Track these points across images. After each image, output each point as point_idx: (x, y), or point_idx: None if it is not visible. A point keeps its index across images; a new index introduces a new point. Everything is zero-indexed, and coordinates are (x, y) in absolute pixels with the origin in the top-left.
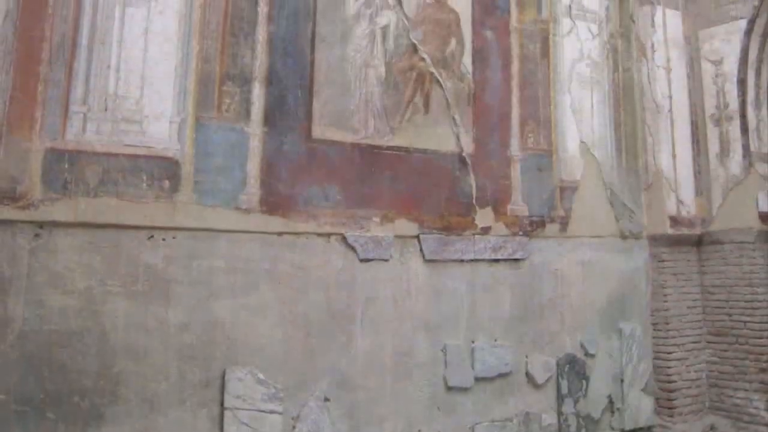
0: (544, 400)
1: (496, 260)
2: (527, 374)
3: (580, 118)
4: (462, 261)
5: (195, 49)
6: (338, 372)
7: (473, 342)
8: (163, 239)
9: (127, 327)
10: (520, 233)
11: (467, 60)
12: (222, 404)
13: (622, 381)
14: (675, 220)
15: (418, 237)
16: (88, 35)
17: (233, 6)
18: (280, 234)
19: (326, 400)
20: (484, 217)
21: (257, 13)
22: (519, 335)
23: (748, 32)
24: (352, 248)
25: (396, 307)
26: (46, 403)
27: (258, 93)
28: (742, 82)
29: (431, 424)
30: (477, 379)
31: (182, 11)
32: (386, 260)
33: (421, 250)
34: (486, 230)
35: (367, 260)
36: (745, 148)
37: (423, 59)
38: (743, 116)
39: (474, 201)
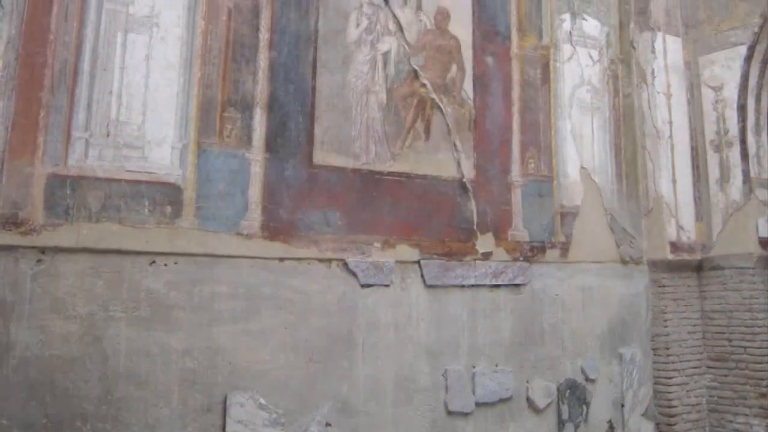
0: (544, 425)
1: (497, 285)
2: (528, 399)
3: (581, 144)
4: (463, 286)
5: (197, 75)
6: (340, 397)
7: (474, 367)
8: (165, 265)
9: (129, 352)
10: (521, 259)
11: (468, 86)
12: (224, 429)
13: (622, 406)
14: (675, 246)
15: (419, 262)
16: (90, 61)
17: (235, 32)
18: (281, 259)
19: (328, 425)
20: (484, 242)
21: (258, 39)
22: (520, 360)
23: (748, 58)
24: (354, 274)
25: (397, 333)
26: (48, 429)
27: (259, 119)
28: (742, 108)
29: None
30: (478, 404)
31: (184, 38)
32: (387, 286)
33: (422, 275)
34: (487, 256)
35: (369, 286)
36: (745, 173)
37: (424, 85)
38: (743, 142)
39: (475, 226)
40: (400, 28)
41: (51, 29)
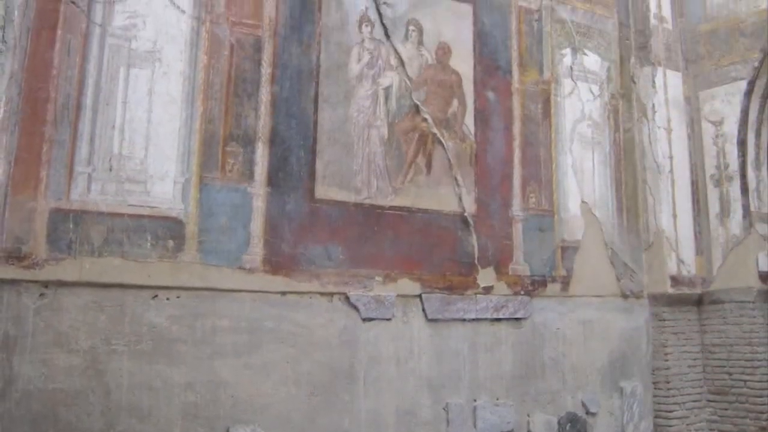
0: None
1: (498, 319)
2: None
3: (582, 179)
4: (464, 320)
5: (199, 110)
6: (341, 431)
7: (475, 401)
8: (167, 299)
9: (132, 386)
10: (522, 293)
11: (469, 120)
12: None
13: None
14: (676, 280)
15: (420, 296)
16: (93, 96)
17: (237, 67)
18: (283, 293)
19: None
20: (485, 276)
21: (261, 74)
22: (521, 394)
23: (749, 93)
24: (355, 307)
25: (399, 366)
26: None
27: (261, 153)
28: (742, 143)
29: None
30: None
31: (186, 73)
32: (389, 319)
33: (423, 309)
34: (488, 290)
35: (370, 319)
36: (745, 208)
37: (425, 120)
38: (743, 177)
39: (476, 261)
40: (402, 63)
41: (54, 64)
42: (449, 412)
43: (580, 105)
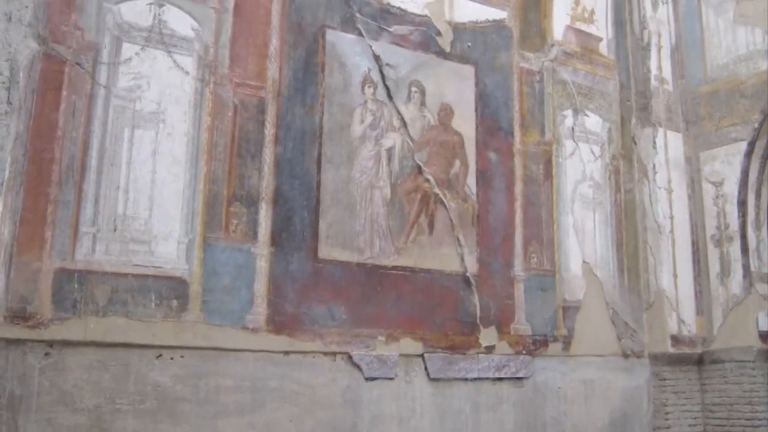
0: None
1: (500, 379)
2: None
3: (583, 239)
4: (466, 379)
5: (203, 170)
6: None
7: None
8: (171, 358)
9: None
10: (524, 352)
11: (471, 181)
12: None
13: None
14: (676, 339)
15: (422, 356)
16: (98, 157)
17: (240, 128)
18: (286, 353)
19: None
20: (487, 336)
21: (264, 135)
22: None
23: (748, 154)
24: (358, 367)
25: (401, 426)
26: None
27: (265, 214)
28: (742, 204)
29: None
30: None
31: (190, 134)
32: (391, 379)
33: (425, 368)
34: (490, 349)
35: (373, 379)
36: (746, 268)
37: (428, 180)
38: (743, 237)
39: (478, 320)
40: (404, 124)
41: (59, 125)
42: None
43: (581, 166)
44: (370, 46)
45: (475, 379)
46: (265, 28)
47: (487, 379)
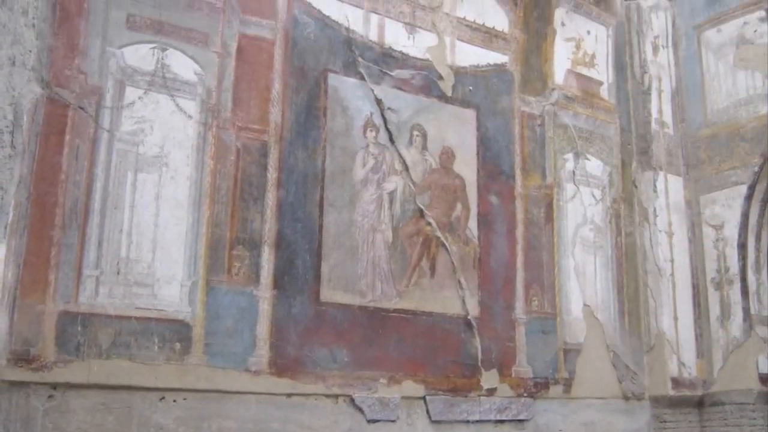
0: None
1: (501, 421)
2: None
3: (584, 282)
4: (468, 422)
5: (205, 214)
6: None
7: None
8: (174, 401)
9: None
10: (525, 395)
11: (473, 224)
12: None
13: None
14: (677, 382)
15: (424, 398)
16: (101, 200)
17: (243, 172)
18: (288, 395)
19: None
20: (489, 378)
21: (267, 178)
22: None
23: (749, 197)
24: (360, 409)
25: None
26: None
27: (267, 257)
28: (742, 247)
29: None
30: None
31: (193, 177)
32: (393, 421)
33: (427, 411)
34: (491, 392)
35: (375, 421)
36: (746, 311)
37: (429, 224)
38: (743, 280)
39: (479, 363)
40: (406, 168)
41: (62, 169)
42: None
43: (582, 209)
44: (372, 90)
45: (477, 421)
46: (268, 72)
47: (489, 421)
